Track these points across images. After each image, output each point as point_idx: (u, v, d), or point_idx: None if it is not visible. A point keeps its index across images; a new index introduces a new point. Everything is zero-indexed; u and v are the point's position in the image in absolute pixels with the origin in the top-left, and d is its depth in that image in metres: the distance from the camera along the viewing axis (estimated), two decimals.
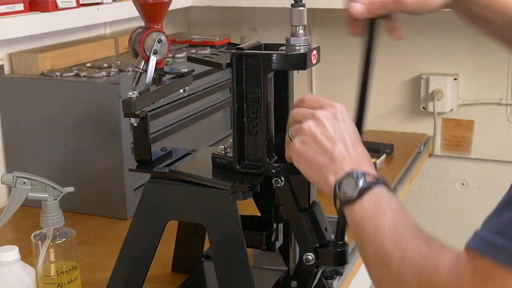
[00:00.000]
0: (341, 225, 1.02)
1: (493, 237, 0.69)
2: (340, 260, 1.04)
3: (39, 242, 1.07)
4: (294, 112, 0.97)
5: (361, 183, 0.85)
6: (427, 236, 0.80)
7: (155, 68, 1.12)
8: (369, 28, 0.98)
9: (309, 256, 1.04)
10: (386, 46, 2.20)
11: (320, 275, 1.12)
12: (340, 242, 1.03)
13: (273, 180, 1.04)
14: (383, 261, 0.80)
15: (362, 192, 0.85)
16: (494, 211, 0.71)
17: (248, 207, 1.15)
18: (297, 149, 0.93)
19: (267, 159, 1.02)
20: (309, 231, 1.04)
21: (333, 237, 1.05)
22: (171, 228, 1.16)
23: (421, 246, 0.78)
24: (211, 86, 1.82)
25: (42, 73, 1.58)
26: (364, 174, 0.86)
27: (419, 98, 2.18)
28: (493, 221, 0.71)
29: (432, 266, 0.75)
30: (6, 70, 1.61)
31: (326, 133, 0.91)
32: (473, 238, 0.72)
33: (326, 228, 1.06)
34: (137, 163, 1.13)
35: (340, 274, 1.22)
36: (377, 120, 2.23)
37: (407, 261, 0.78)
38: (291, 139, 0.96)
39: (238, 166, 1.05)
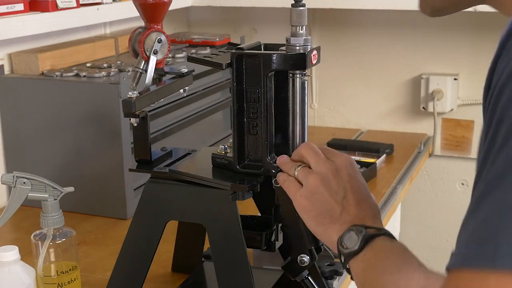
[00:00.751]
0: None
1: (464, 250, 0.65)
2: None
3: (39, 242, 1.07)
4: (307, 154, 0.96)
5: (362, 234, 0.85)
6: (429, 271, 0.79)
7: (155, 68, 1.12)
8: None
9: (304, 258, 1.04)
10: (386, 46, 2.21)
11: (320, 275, 1.12)
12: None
13: (273, 180, 1.04)
14: None
15: (364, 243, 0.85)
16: (462, 224, 0.69)
17: (248, 207, 1.15)
18: (302, 204, 0.94)
19: (267, 159, 1.03)
20: (306, 232, 1.04)
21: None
22: (171, 228, 1.16)
23: (421, 282, 0.77)
24: (211, 86, 1.82)
25: (42, 73, 1.58)
26: (366, 227, 0.86)
27: (419, 98, 2.18)
28: (462, 234, 0.69)
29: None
30: (6, 70, 1.61)
31: (331, 190, 0.91)
32: (451, 259, 0.69)
33: None
34: (137, 163, 1.13)
35: (340, 274, 1.22)
36: (377, 120, 2.23)
37: None
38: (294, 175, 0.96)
39: (238, 166, 1.05)
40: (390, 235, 0.87)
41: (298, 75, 1.02)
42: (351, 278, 0.88)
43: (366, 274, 0.84)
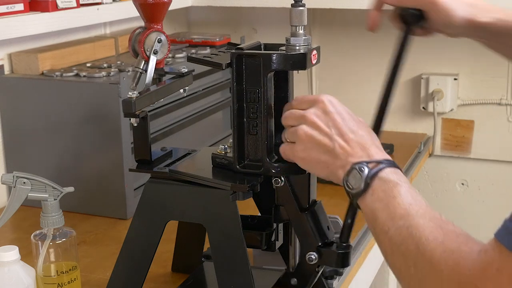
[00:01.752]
0: (347, 226, 1.00)
1: None
2: (343, 261, 1.04)
3: (39, 242, 1.07)
4: (285, 118, 0.98)
5: (365, 173, 0.85)
6: (439, 218, 0.79)
7: (155, 68, 1.12)
8: (403, 32, 0.98)
9: (312, 256, 1.04)
10: (386, 46, 2.21)
11: (320, 275, 1.12)
12: (344, 244, 1.03)
13: (273, 180, 1.04)
14: (398, 252, 0.80)
15: (368, 181, 0.85)
16: None
17: (248, 207, 1.15)
18: (301, 157, 0.95)
19: (267, 159, 1.03)
20: (311, 230, 1.04)
21: (336, 238, 1.05)
22: (171, 228, 1.16)
23: (435, 233, 0.77)
24: (211, 86, 1.82)
25: (42, 73, 1.58)
26: (367, 163, 0.86)
27: (419, 98, 2.18)
28: None
29: (451, 259, 0.73)
30: (6, 70, 1.61)
31: (321, 132, 0.92)
32: (502, 230, 0.70)
33: (328, 227, 1.06)
34: (137, 163, 1.13)
35: (340, 274, 1.22)
36: None
37: (421, 250, 0.76)
38: (287, 141, 0.97)
39: (238, 166, 1.05)
40: (392, 165, 0.87)
41: None
42: (346, 213, 0.90)
43: (376, 215, 0.84)
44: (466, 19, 1.06)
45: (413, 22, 0.97)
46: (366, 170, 0.86)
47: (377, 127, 0.99)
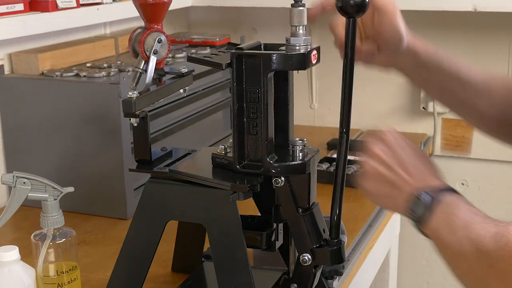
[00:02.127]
0: (335, 223, 1.03)
1: None
2: (337, 258, 1.04)
3: (39, 242, 1.07)
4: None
5: (428, 200, 0.91)
6: (496, 221, 0.85)
7: (155, 68, 1.12)
8: (347, 25, 0.98)
9: (306, 257, 1.04)
10: None
11: (320, 275, 1.12)
12: (335, 240, 1.04)
13: (273, 180, 1.04)
14: (461, 258, 0.86)
15: (430, 207, 0.90)
16: None
17: (248, 207, 1.15)
18: (369, 190, 1.00)
19: (267, 159, 1.02)
20: (307, 232, 1.04)
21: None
22: (171, 228, 1.16)
23: (488, 227, 0.83)
24: (211, 86, 1.82)
25: (42, 73, 1.58)
26: (427, 192, 0.91)
27: (419, 98, 2.18)
28: None
29: (502, 240, 0.81)
30: (6, 70, 1.61)
31: (386, 166, 0.97)
32: None
33: (323, 230, 1.06)
34: (137, 163, 1.13)
35: (340, 274, 1.22)
36: (377, 120, 2.23)
37: (480, 248, 0.83)
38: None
39: (238, 166, 1.05)
40: (452, 190, 0.92)
41: None
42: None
43: (440, 235, 0.89)
44: (408, 31, 1.13)
45: (354, 12, 0.96)
46: (428, 198, 0.91)
47: (346, 124, 1.01)
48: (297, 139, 1.06)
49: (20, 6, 1.57)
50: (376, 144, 1.00)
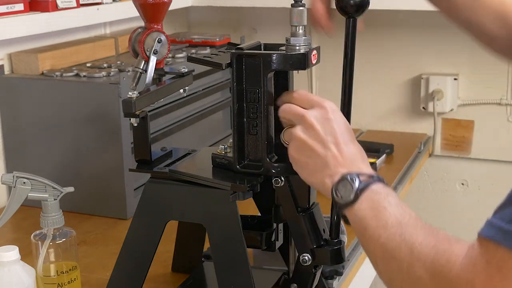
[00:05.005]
0: (335, 223, 1.02)
1: (508, 226, 0.69)
2: (337, 258, 1.04)
3: (39, 242, 1.07)
4: (283, 111, 0.98)
5: (356, 184, 0.86)
6: (430, 227, 0.81)
7: (155, 68, 1.12)
8: (347, 24, 0.97)
9: (306, 257, 1.04)
10: (386, 46, 2.21)
11: (320, 275, 1.12)
12: (335, 240, 1.04)
13: (273, 180, 1.04)
14: (391, 257, 0.81)
15: (359, 193, 0.86)
16: (506, 201, 0.70)
17: (248, 207, 1.15)
18: (293, 156, 0.95)
19: (267, 159, 1.02)
20: (307, 232, 1.04)
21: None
22: (171, 228, 1.16)
23: (428, 238, 0.78)
24: (211, 86, 1.82)
25: (42, 73, 1.58)
26: (358, 175, 0.87)
27: (419, 98, 2.18)
28: (507, 210, 0.70)
29: (443, 257, 0.75)
30: (6, 70, 1.61)
31: (317, 137, 0.92)
32: (486, 227, 0.72)
33: (323, 230, 1.06)
34: (137, 163, 1.13)
35: (340, 274, 1.22)
36: (377, 120, 2.23)
37: (416, 254, 0.78)
38: (284, 144, 0.97)
39: (238, 166, 1.05)
40: (382, 180, 0.88)
41: None
42: (346, 222, 0.89)
43: (365, 224, 0.85)
44: None
45: (354, 12, 0.96)
46: (357, 181, 0.86)
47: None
48: None
49: (20, 6, 1.57)
50: (313, 111, 0.94)
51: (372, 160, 1.81)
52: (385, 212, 0.83)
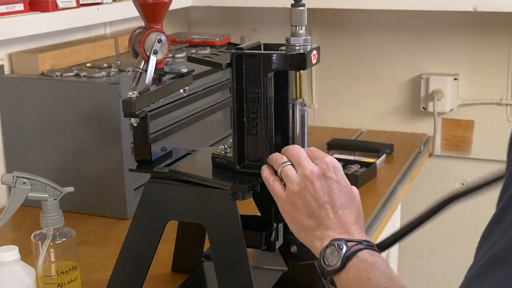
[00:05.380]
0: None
1: None
2: None
3: (39, 242, 1.07)
4: (288, 150, 0.97)
5: (343, 251, 0.85)
6: None
7: (155, 68, 1.12)
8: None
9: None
10: (386, 46, 2.21)
11: (320, 275, 1.12)
12: None
13: None
14: None
15: (345, 260, 0.84)
16: (476, 269, 0.62)
17: (248, 207, 1.15)
18: (286, 209, 0.94)
19: (267, 159, 1.02)
20: None
21: None
22: (171, 228, 1.16)
23: None
24: (211, 86, 1.82)
25: (42, 73, 1.58)
26: (346, 241, 0.86)
27: (419, 98, 2.18)
28: (476, 286, 0.62)
29: None
30: (6, 70, 1.61)
31: (314, 194, 0.91)
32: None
33: None
34: (137, 163, 1.13)
35: None
36: (377, 120, 2.23)
37: None
38: (280, 178, 0.96)
39: (238, 166, 1.05)
40: (371, 247, 0.86)
41: (298, 105, 1.03)
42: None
43: None
44: None
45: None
46: (344, 249, 0.85)
47: (392, 242, 0.96)
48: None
49: (20, 6, 1.57)
50: (316, 166, 0.92)
51: (372, 160, 1.81)
52: (369, 283, 0.82)
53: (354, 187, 0.95)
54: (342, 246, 0.85)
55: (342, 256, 0.84)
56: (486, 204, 2.24)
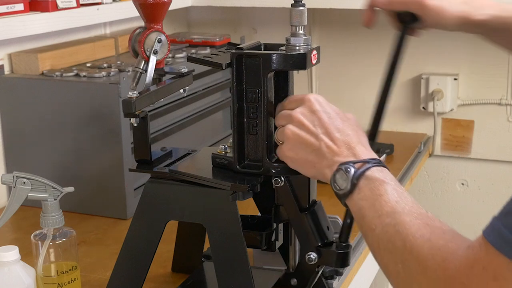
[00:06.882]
0: (346, 226, 1.01)
1: (510, 235, 0.67)
2: (343, 261, 1.04)
3: (39, 242, 1.07)
4: (277, 118, 0.99)
5: (351, 173, 0.86)
6: (426, 216, 0.80)
7: (155, 68, 1.12)
8: (400, 32, 0.98)
9: (312, 256, 1.04)
10: (386, 46, 2.21)
11: (320, 275, 1.12)
12: (344, 244, 1.03)
13: (273, 180, 1.04)
14: (386, 249, 0.80)
15: (355, 182, 0.85)
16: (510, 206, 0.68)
17: (248, 207, 1.15)
18: (289, 156, 0.96)
19: (267, 159, 1.02)
20: (311, 230, 1.04)
21: (336, 237, 1.05)
22: (171, 228, 1.16)
23: (422, 231, 0.77)
24: (211, 86, 1.82)
25: (42, 73, 1.58)
26: (353, 163, 0.87)
27: (419, 98, 2.18)
28: (510, 217, 0.68)
29: (438, 255, 0.74)
30: (6, 70, 1.61)
31: (308, 131, 0.93)
32: (489, 229, 0.70)
33: (328, 227, 1.06)
34: (137, 163, 1.13)
35: (340, 274, 1.22)
36: None
37: (409, 247, 0.77)
38: (279, 143, 0.99)
39: (238, 166, 1.05)
40: (378, 163, 0.87)
41: None
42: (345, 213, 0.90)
43: (363, 213, 0.84)
44: (460, 17, 1.07)
45: (410, 21, 0.97)
46: (352, 170, 0.86)
47: (375, 126, 0.99)
48: None
49: (20, 6, 1.57)
50: (299, 108, 0.95)
51: None
52: (381, 200, 0.82)
53: (348, 113, 0.96)
54: (350, 169, 0.86)
55: (351, 177, 0.85)
56: (486, 204, 2.25)
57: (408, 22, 1.01)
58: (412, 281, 0.77)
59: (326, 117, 0.93)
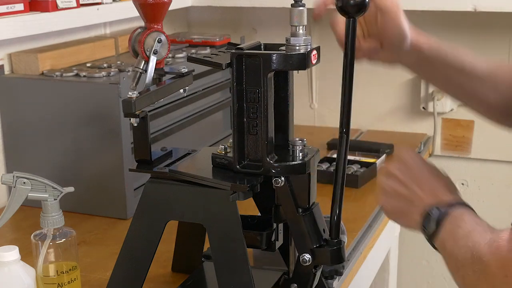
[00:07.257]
0: (335, 223, 1.03)
1: None
2: (337, 258, 1.04)
3: (39, 242, 1.07)
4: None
5: (435, 215, 0.93)
6: (497, 229, 0.87)
7: (155, 68, 1.12)
8: (347, 24, 0.97)
9: (306, 257, 1.04)
10: None
11: (320, 275, 1.12)
12: (335, 240, 1.04)
13: (273, 180, 1.04)
14: (463, 268, 0.88)
15: (439, 222, 0.92)
16: None
17: (248, 207, 1.15)
18: (386, 208, 1.04)
19: (267, 159, 1.02)
20: (307, 232, 1.04)
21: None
22: (171, 228, 1.16)
23: (485, 235, 0.85)
24: (211, 86, 1.82)
25: (42, 73, 1.58)
26: (438, 207, 0.94)
27: (419, 98, 2.18)
28: None
29: (493, 246, 0.83)
30: (6, 70, 1.61)
31: (401, 183, 1.01)
32: None
33: (323, 230, 1.06)
34: (137, 163, 1.13)
35: (340, 274, 1.22)
36: (377, 120, 2.23)
37: (475, 255, 0.85)
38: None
39: (238, 166, 1.05)
40: (461, 204, 0.94)
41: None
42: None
43: (446, 249, 0.91)
44: (412, 29, 1.12)
45: (354, 12, 0.96)
46: (436, 212, 0.93)
47: (346, 124, 1.01)
48: (297, 139, 1.06)
49: (20, 6, 1.57)
50: (393, 163, 1.04)
51: (372, 160, 1.81)
52: (459, 230, 0.90)
53: (431, 164, 1.04)
54: (434, 210, 0.93)
55: (436, 218, 0.93)
56: (486, 204, 2.25)
57: (353, 13, 0.99)
58: (478, 283, 0.86)
59: (417, 169, 1.01)
